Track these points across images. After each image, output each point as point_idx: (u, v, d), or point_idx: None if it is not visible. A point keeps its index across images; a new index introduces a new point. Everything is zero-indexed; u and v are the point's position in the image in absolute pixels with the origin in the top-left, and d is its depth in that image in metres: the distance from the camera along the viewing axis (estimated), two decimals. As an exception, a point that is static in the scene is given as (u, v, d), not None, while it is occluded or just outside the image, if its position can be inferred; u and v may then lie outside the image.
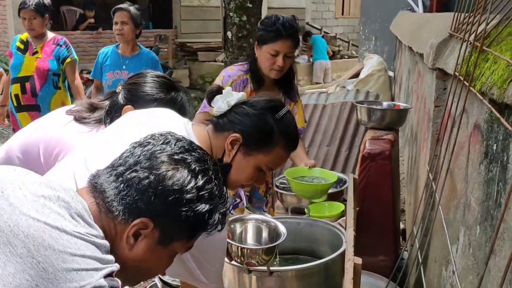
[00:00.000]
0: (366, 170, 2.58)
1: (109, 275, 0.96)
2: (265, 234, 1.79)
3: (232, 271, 1.85)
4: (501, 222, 1.13)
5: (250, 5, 4.49)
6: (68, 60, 3.92)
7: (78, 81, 4.02)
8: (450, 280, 1.65)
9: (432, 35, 2.66)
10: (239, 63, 2.67)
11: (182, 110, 1.71)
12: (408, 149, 4.18)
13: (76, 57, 4.01)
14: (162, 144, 1.10)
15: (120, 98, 1.75)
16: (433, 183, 2.04)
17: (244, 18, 4.45)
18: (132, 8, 3.77)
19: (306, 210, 2.31)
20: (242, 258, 1.66)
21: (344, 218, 2.21)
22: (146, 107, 1.62)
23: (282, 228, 1.74)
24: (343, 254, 1.76)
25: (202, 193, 1.07)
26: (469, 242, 1.47)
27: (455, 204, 1.74)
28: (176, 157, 1.08)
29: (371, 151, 2.58)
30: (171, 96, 1.75)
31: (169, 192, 1.04)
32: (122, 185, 1.05)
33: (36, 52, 3.88)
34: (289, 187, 2.94)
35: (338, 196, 2.99)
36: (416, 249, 2.33)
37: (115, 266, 0.99)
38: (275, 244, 1.69)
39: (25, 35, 3.97)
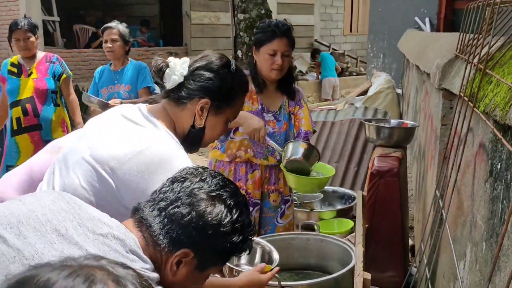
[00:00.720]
0: (374, 187, 2.63)
1: None
2: (258, 256, 1.83)
3: (244, 285, 1.89)
4: (505, 239, 1.17)
5: (260, 25, 4.56)
6: (64, 76, 3.92)
7: (73, 96, 4.02)
8: (458, 296, 1.68)
9: (438, 55, 2.72)
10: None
11: None
12: (416, 166, 4.21)
13: (70, 72, 4.00)
14: (199, 181, 1.23)
15: None
16: (440, 200, 2.08)
17: (254, 37, 4.53)
18: (121, 26, 3.83)
19: (315, 227, 2.35)
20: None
21: (353, 234, 2.25)
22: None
23: (275, 255, 1.78)
24: (352, 270, 1.80)
25: (236, 225, 1.21)
26: (476, 259, 1.50)
27: (462, 221, 1.77)
28: (213, 194, 1.22)
29: (379, 169, 2.63)
30: None
31: (208, 226, 1.18)
32: (165, 220, 1.18)
33: (31, 73, 3.82)
34: (300, 203, 2.97)
35: (347, 213, 3.02)
36: (424, 265, 2.36)
37: None
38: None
39: (15, 58, 3.88)
